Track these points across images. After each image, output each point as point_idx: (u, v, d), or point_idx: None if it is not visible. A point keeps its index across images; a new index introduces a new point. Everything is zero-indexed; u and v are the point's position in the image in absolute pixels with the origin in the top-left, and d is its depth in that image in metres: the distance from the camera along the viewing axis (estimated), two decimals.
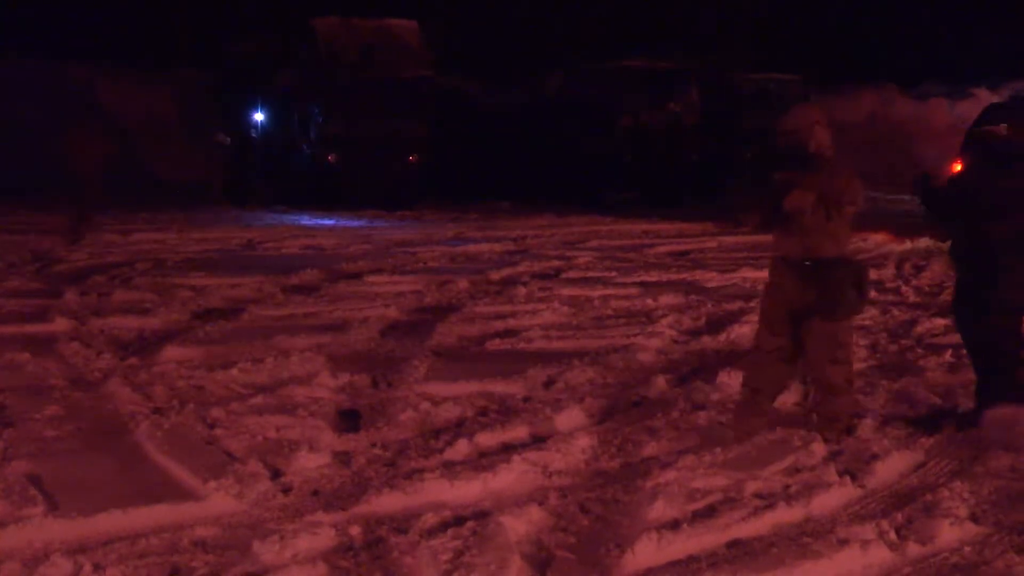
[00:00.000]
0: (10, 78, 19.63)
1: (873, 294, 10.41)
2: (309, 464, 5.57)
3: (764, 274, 11.78)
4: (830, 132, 5.86)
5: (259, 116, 18.83)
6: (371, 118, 17.54)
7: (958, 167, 14.74)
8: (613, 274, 11.42)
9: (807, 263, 5.83)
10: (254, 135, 18.99)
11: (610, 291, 10.46)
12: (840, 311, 5.87)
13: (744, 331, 8.47)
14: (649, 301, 9.90)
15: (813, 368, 6.05)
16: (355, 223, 15.97)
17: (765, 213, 5.88)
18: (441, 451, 5.81)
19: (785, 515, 4.91)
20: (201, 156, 19.55)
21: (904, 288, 10.70)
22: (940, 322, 9.01)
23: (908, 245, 13.53)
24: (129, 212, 15.47)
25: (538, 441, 5.95)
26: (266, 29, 19.77)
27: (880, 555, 4.55)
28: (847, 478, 5.32)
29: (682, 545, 4.59)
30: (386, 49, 18.21)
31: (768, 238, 6.17)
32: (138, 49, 22.02)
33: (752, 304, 9.75)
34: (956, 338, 8.41)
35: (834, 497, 5.13)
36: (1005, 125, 6.30)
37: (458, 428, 6.19)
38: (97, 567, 4.36)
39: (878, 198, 20.46)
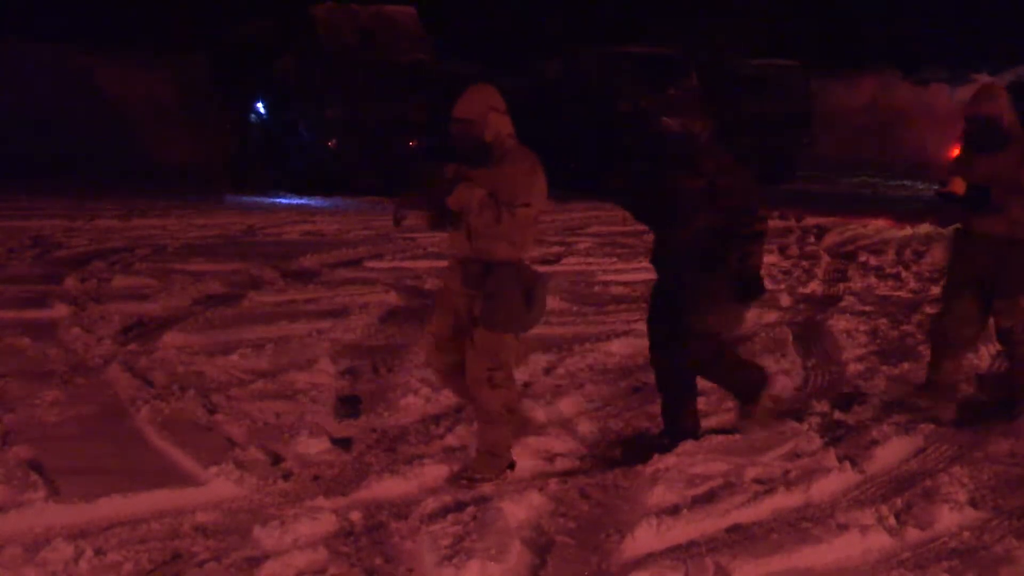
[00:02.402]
0: (9, 62, 19.57)
1: (873, 280, 10.43)
2: (309, 449, 5.58)
3: (766, 260, 11.80)
4: (508, 119, 5.15)
5: (258, 102, 18.80)
6: (371, 103, 17.49)
7: (956, 152, 14.79)
8: (613, 260, 11.41)
9: (474, 265, 5.14)
10: (254, 120, 18.97)
11: (610, 277, 10.45)
12: (503, 321, 5.11)
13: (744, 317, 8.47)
14: (650, 287, 9.89)
15: (471, 390, 5.29)
16: (355, 208, 15.95)
17: (433, 210, 5.14)
18: (441, 437, 5.82)
19: (785, 500, 4.93)
20: (202, 141, 19.52)
21: (904, 274, 10.70)
22: None
23: (908, 231, 13.51)
24: (129, 197, 15.45)
25: (538, 427, 5.95)
26: (264, 14, 19.73)
27: (879, 540, 4.57)
28: (847, 463, 5.33)
29: (682, 530, 4.60)
30: (385, 34, 18.16)
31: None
32: (138, 34, 21.97)
33: None
34: None
35: (833, 482, 5.15)
36: (680, 119, 5.52)
37: (458, 414, 6.19)
38: (98, 552, 4.38)
39: (878, 184, 20.46)
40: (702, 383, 6.76)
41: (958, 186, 6.10)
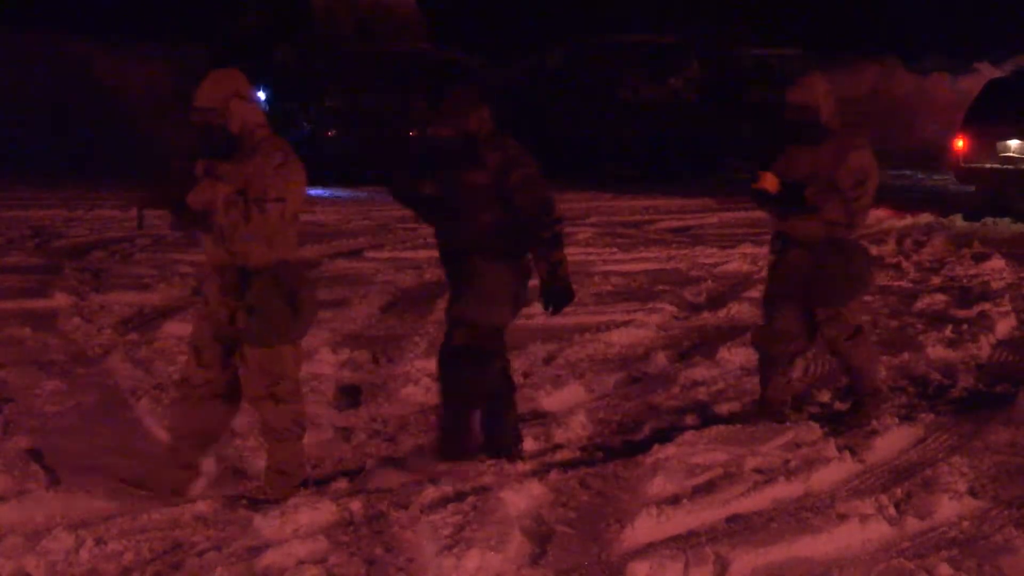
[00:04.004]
0: (7, 52, 19.54)
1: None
2: (310, 439, 5.56)
3: (766, 250, 11.78)
4: (255, 107, 4.72)
5: (259, 92, 18.80)
6: (370, 93, 17.48)
7: (960, 143, 14.74)
8: (613, 250, 11.40)
9: (231, 271, 4.69)
10: None
11: (610, 267, 10.44)
12: (271, 336, 4.67)
13: (744, 308, 8.47)
14: (650, 277, 9.90)
15: (254, 407, 4.90)
16: (355, 198, 15.94)
17: (174, 209, 4.64)
18: None
19: (785, 490, 4.93)
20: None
21: (905, 263, 10.68)
22: (941, 297, 9.01)
23: (909, 220, 13.49)
24: (128, 188, 15.44)
25: (538, 416, 5.96)
26: (263, 4, 19.71)
27: (879, 529, 4.57)
28: (847, 453, 5.34)
29: (682, 520, 4.61)
30: (383, 23, 18.15)
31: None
32: (137, 24, 21.94)
33: (753, 280, 9.74)
34: (957, 313, 8.45)
35: (833, 472, 5.15)
36: (450, 125, 5.13)
37: None
38: (99, 541, 4.38)
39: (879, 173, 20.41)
40: (704, 373, 6.77)
41: (768, 182, 5.54)
